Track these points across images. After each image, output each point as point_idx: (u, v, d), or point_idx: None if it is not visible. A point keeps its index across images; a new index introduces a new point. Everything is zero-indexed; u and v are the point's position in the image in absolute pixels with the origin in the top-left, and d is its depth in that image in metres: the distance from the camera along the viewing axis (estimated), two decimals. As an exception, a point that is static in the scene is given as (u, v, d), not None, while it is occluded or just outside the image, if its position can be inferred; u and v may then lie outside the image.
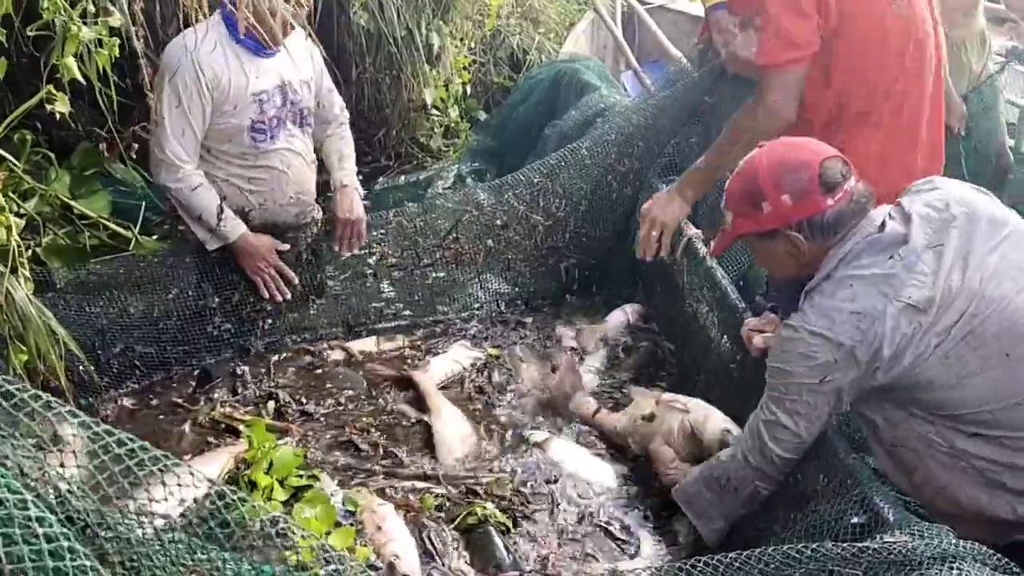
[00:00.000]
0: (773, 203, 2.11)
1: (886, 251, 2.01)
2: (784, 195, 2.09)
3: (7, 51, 2.97)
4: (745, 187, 2.18)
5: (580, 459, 2.89)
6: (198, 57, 3.02)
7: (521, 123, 5.13)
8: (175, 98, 3.05)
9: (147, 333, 3.30)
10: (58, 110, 2.70)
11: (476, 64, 6.07)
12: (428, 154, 5.58)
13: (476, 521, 2.55)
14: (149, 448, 1.13)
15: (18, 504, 0.91)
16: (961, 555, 1.61)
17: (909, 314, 1.94)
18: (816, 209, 2.08)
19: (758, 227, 2.18)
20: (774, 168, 2.12)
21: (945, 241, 1.99)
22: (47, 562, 0.92)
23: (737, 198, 2.22)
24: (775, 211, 2.11)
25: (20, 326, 2.50)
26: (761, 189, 2.12)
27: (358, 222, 3.47)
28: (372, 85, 5.06)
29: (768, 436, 2.18)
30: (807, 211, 2.09)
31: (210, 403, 3.14)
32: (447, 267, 3.78)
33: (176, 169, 3.13)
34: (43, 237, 3.34)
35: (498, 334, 3.68)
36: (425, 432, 3.02)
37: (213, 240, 3.26)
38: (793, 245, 2.13)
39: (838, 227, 2.09)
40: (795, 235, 2.11)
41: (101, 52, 2.74)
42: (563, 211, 3.82)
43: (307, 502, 2.47)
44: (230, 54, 3.10)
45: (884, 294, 1.96)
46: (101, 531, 1.05)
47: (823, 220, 2.08)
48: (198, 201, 3.17)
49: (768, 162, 2.15)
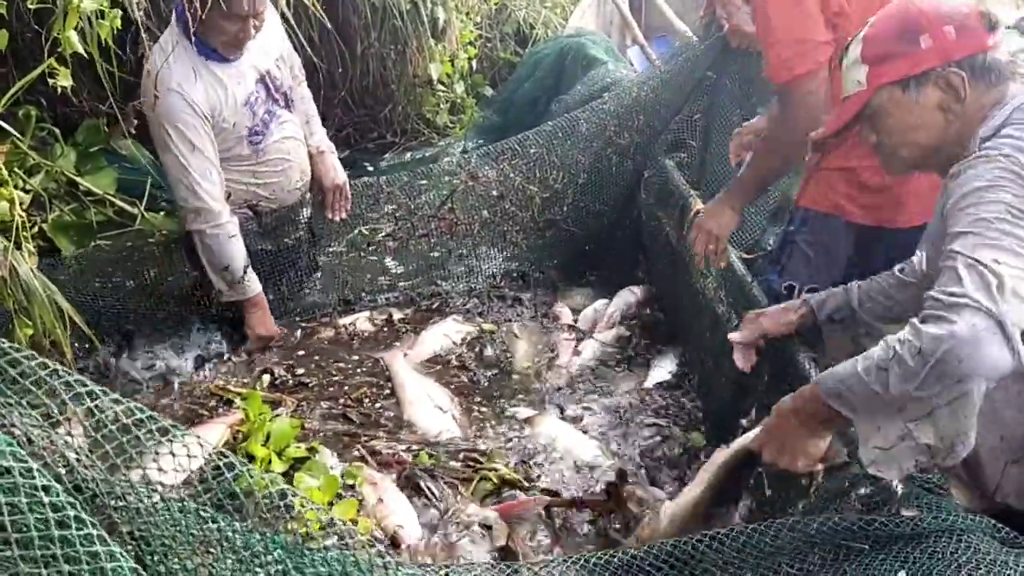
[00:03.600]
0: (935, 35, 1.81)
1: None
2: (947, 26, 1.80)
3: (9, 25, 2.95)
4: (895, 25, 1.87)
5: (571, 436, 2.85)
6: (186, 93, 2.95)
7: (527, 98, 5.10)
8: (187, 144, 3.00)
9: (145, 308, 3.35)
10: (60, 83, 2.69)
11: (482, 39, 6.04)
12: (434, 130, 5.56)
13: (494, 486, 2.56)
14: (157, 418, 1.12)
15: (24, 472, 0.91)
16: (970, 528, 1.60)
17: None
18: (980, 45, 1.80)
19: (911, 68, 1.83)
20: (931, 2, 1.84)
21: None
22: (53, 531, 0.92)
23: (882, 41, 1.88)
24: (936, 45, 1.81)
25: (25, 300, 2.51)
26: (918, 21, 1.83)
27: (343, 185, 3.50)
28: (377, 60, 5.04)
29: (990, 261, 1.52)
30: (971, 47, 1.80)
31: (203, 377, 3.16)
32: (441, 237, 3.76)
33: (215, 215, 3.11)
34: (49, 213, 3.34)
35: (495, 309, 3.67)
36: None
37: (231, 293, 3.24)
38: (952, 89, 1.80)
39: (997, 77, 1.81)
40: (956, 72, 1.79)
41: (103, 24, 2.72)
42: (560, 183, 3.78)
43: (307, 471, 2.48)
44: (205, 73, 3.02)
45: None
46: (110, 500, 1.05)
47: (985, 60, 1.80)
48: (230, 251, 3.16)
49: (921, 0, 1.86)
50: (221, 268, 3.18)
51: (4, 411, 1.01)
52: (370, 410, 2.99)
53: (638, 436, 2.89)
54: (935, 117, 1.84)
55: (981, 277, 1.50)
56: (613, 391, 3.15)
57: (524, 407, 3.02)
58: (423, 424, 2.89)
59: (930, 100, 1.83)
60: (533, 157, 3.73)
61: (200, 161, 3.03)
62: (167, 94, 2.94)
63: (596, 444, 2.81)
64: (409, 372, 3.16)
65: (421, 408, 2.96)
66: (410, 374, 3.14)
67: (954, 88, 1.80)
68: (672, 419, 2.99)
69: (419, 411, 2.95)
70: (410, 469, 2.60)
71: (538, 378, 3.21)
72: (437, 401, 2.98)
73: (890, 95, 1.87)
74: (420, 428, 2.88)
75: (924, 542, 1.60)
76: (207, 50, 3.01)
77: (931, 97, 1.83)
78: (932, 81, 1.82)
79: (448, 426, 2.88)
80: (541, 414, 2.95)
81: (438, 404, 2.97)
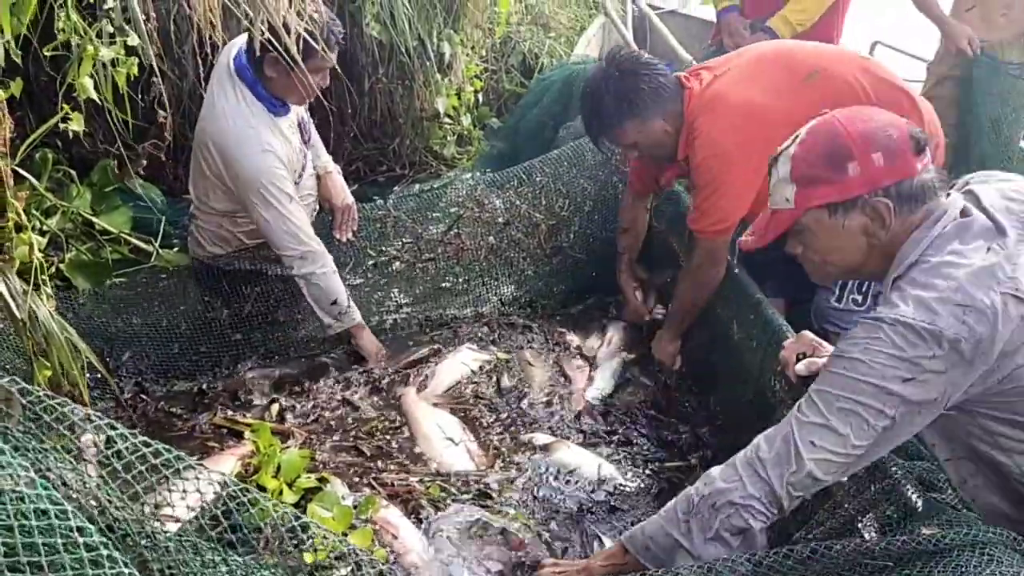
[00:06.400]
0: (863, 163, 1.81)
1: (979, 239, 1.74)
2: (876, 153, 1.80)
3: (26, 71, 3.01)
4: (823, 149, 1.86)
5: (590, 462, 2.85)
6: (275, 150, 3.08)
7: (534, 125, 5.12)
8: (285, 196, 3.12)
9: (156, 343, 3.36)
10: (73, 129, 2.74)
11: (487, 72, 6.09)
12: (442, 162, 5.60)
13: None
14: (184, 458, 1.14)
15: (59, 515, 0.93)
16: (992, 542, 1.61)
17: (1019, 308, 1.67)
18: (908, 171, 1.81)
19: (839, 195, 1.84)
20: (858, 124, 1.84)
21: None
22: (88, 571, 0.94)
23: (811, 163, 1.87)
24: (864, 173, 1.81)
25: (44, 342, 2.54)
26: (847, 147, 1.82)
27: (352, 206, 3.57)
28: (385, 95, 5.09)
29: (805, 444, 1.78)
30: (899, 173, 1.81)
31: (210, 410, 3.15)
32: (448, 263, 3.78)
33: (321, 256, 3.25)
34: (66, 253, 3.38)
35: (506, 337, 3.66)
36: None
37: (338, 325, 3.36)
38: (878, 216, 1.83)
39: (924, 199, 1.82)
40: (883, 202, 1.81)
41: (119, 71, 2.78)
42: (567, 211, 3.83)
43: (318, 502, 2.48)
44: (274, 127, 3.13)
45: (991, 287, 1.67)
46: (141, 539, 1.07)
47: (912, 187, 1.82)
48: (336, 284, 3.29)
49: (848, 119, 1.87)
50: (329, 303, 3.30)
51: (40, 456, 1.03)
52: (382, 443, 2.98)
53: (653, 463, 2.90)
54: (859, 241, 1.88)
55: (786, 457, 1.80)
56: (627, 418, 3.15)
57: (542, 435, 3.01)
58: (436, 457, 2.89)
59: (855, 225, 1.86)
60: (539, 185, 3.77)
61: (297, 209, 3.17)
62: (262, 155, 3.06)
63: (615, 468, 2.82)
64: (421, 406, 3.15)
65: (434, 442, 2.95)
66: (422, 408, 3.13)
67: (880, 215, 1.83)
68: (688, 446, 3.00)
69: (432, 445, 2.94)
70: (416, 500, 2.60)
71: (554, 406, 3.20)
72: (450, 433, 2.97)
73: (817, 218, 1.90)
74: (434, 461, 2.88)
75: (947, 556, 1.61)
76: (273, 104, 3.11)
77: (856, 222, 1.86)
78: (859, 207, 1.85)
79: (462, 459, 2.87)
80: (559, 441, 2.95)
81: (450, 436, 2.96)
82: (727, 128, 2.88)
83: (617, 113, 2.96)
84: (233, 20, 3.03)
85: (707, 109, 2.92)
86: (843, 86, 2.89)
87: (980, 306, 1.65)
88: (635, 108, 2.94)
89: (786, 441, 1.80)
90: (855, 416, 1.73)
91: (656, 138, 3.01)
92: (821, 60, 2.99)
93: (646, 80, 2.93)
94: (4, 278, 2.36)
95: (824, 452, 1.75)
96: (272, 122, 3.11)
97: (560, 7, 6.89)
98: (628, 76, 2.94)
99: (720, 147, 2.89)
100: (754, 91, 2.91)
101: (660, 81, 2.95)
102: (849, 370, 1.75)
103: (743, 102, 2.90)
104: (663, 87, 2.95)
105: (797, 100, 2.79)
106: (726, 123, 2.88)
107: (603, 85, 2.97)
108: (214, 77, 3.13)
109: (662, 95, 2.95)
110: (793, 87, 2.89)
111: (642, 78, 2.94)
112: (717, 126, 2.89)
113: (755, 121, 2.83)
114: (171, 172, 4.25)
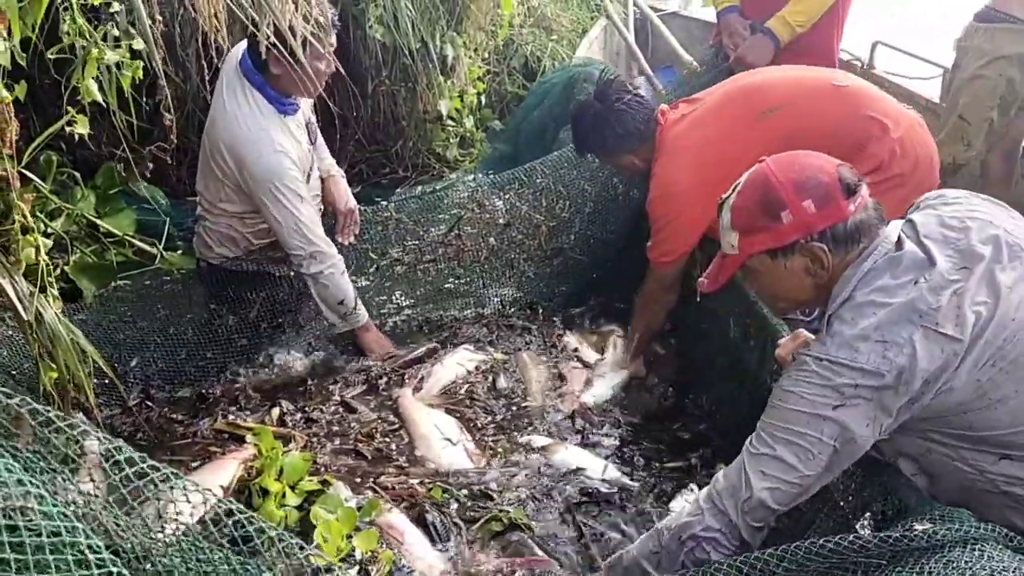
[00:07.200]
0: (795, 211, 1.91)
1: (909, 273, 1.83)
2: (806, 200, 1.90)
3: (30, 74, 3.03)
4: (758, 198, 1.97)
5: (590, 463, 2.87)
6: (287, 151, 3.12)
7: (535, 127, 5.13)
8: (296, 196, 3.17)
9: (164, 349, 3.39)
10: (78, 132, 2.76)
11: (490, 74, 6.11)
12: (444, 164, 5.61)
13: (502, 527, 2.54)
14: (199, 488, 1.15)
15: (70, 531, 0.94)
16: (984, 537, 1.63)
17: (940, 342, 1.76)
18: (840, 215, 1.91)
19: (776, 242, 1.95)
20: (790, 173, 1.94)
21: (970, 264, 1.82)
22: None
23: (748, 212, 1.99)
24: (797, 220, 1.92)
25: (50, 344, 2.55)
26: (779, 197, 1.93)
27: (355, 209, 3.61)
28: (388, 98, 5.11)
29: (755, 474, 1.89)
30: (831, 218, 1.91)
31: (211, 415, 3.16)
32: (449, 263, 3.81)
33: (330, 256, 3.29)
34: (71, 255, 3.40)
35: (504, 338, 3.67)
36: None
37: (344, 324, 3.42)
38: (815, 258, 1.93)
39: (860, 237, 1.91)
40: (819, 246, 1.91)
41: (124, 75, 2.80)
42: (567, 212, 3.86)
43: (321, 505, 2.47)
44: (284, 127, 3.18)
45: (911, 321, 1.77)
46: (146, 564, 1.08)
47: (845, 229, 1.91)
48: (345, 284, 3.34)
49: (780, 168, 1.96)
50: (337, 303, 3.35)
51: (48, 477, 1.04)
52: (382, 445, 2.99)
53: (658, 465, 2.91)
54: (803, 280, 1.98)
55: (738, 486, 1.90)
56: (626, 419, 3.17)
57: (539, 436, 3.02)
58: (435, 458, 2.90)
59: (797, 266, 1.97)
60: (540, 187, 3.79)
61: (308, 209, 3.22)
62: (274, 155, 3.11)
63: (615, 469, 2.84)
64: (418, 408, 3.15)
65: (432, 442, 2.96)
66: (419, 409, 3.14)
67: (818, 257, 1.93)
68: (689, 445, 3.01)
69: (431, 445, 2.95)
70: (420, 504, 2.61)
71: (551, 407, 3.21)
72: (448, 434, 2.98)
73: (761, 261, 2.01)
74: (432, 462, 2.89)
75: (939, 552, 1.63)
76: (283, 105, 3.16)
77: (798, 263, 1.97)
78: (798, 251, 1.95)
79: (460, 459, 2.89)
80: (557, 443, 2.96)
81: (448, 436, 2.97)
82: (677, 170, 3.14)
83: (592, 142, 3.37)
84: (237, 24, 3.06)
85: (665, 152, 3.20)
86: (801, 122, 2.96)
87: (899, 341, 1.77)
88: (606, 143, 3.31)
89: (738, 471, 1.93)
90: (798, 447, 1.85)
91: (625, 167, 3.44)
92: (790, 94, 3.08)
93: (621, 123, 3.23)
94: (11, 280, 2.37)
95: (773, 480, 1.87)
96: (282, 123, 3.16)
97: (562, 9, 6.90)
98: (606, 115, 3.25)
99: (667, 189, 3.16)
100: (711, 130, 3.12)
101: (633, 126, 3.24)
102: (784, 402, 1.89)
103: (697, 144, 3.13)
104: (635, 131, 3.24)
105: (750, 137, 2.95)
106: (677, 166, 3.14)
107: (585, 114, 3.33)
108: (223, 81, 3.16)
109: (632, 135, 3.25)
110: (749, 123, 3.03)
111: (618, 119, 3.23)
112: (669, 169, 3.17)
113: (707, 164, 3.03)
114: (175, 175, 4.28)
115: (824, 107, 3.01)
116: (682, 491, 2.72)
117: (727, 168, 2.38)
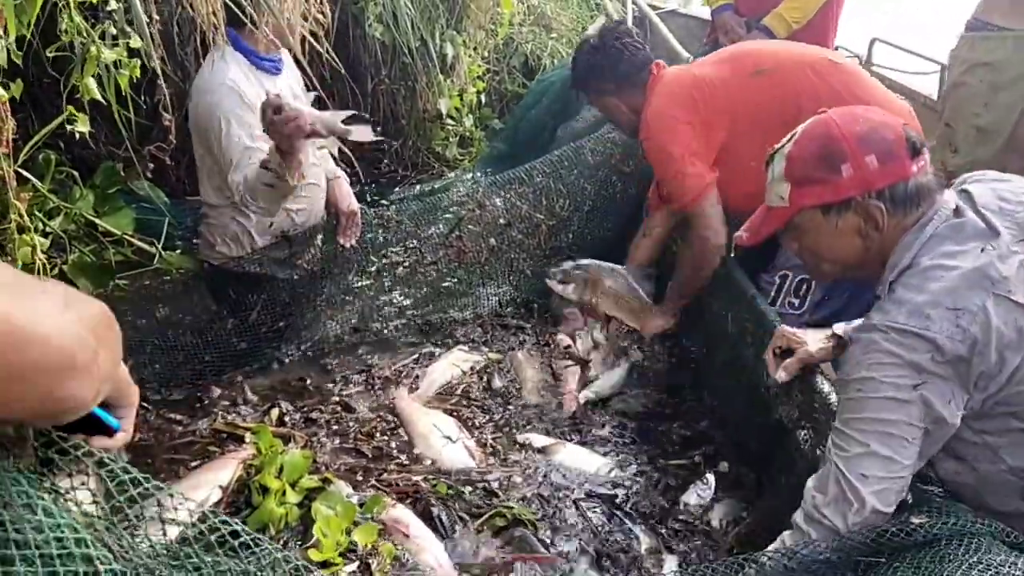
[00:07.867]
0: (856, 165, 1.82)
1: (974, 240, 1.73)
2: (869, 155, 1.81)
3: (28, 72, 3.03)
4: (817, 149, 1.87)
5: (590, 461, 2.86)
6: (238, 86, 3.00)
7: (534, 125, 5.15)
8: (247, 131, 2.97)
9: (161, 351, 3.34)
10: (78, 130, 2.76)
11: (490, 73, 6.12)
12: (444, 163, 5.62)
13: (506, 523, 2.54)
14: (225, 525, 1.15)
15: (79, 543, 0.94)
16: (979, 532, 1.62)
17: (1013, 311, 1.66)
18: (903, 174, 1.81)
19: (832, 196, 1.85)
20: (854, 126, 1.84)
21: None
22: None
23: (805, 162, 1.89)
24: (857, 175, 1.82)
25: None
26: (841, 148, 1.83)
27: (357, 212, 3.56)
28: (388, 96, 5.12)
29: (856, 479, 1.73)
30: (893, 175, 1.81)
31: (210, 416, 3.14)
32: (449, 265, 3.79)
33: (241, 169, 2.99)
34: (69, 255, 3.40)
35: (498, 338, 3.67)
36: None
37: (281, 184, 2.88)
38: (870, 218, 1.83)
39: (919, 201, 1.82)
40: (876, 204, 1.82)
41: (122, 73, 2.80)
42: (567, 210, 3.84)
43: (322, 501, 2.47)
44: (254, 77, 3.10)
45: (983, 288, 1.67)
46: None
47: (906, 190, 1.81)
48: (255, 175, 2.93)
49: (843, 120, 1.86)
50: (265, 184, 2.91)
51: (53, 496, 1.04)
52: (382, 443, 2.97)
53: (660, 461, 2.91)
54: (854, 241, 1.89)
55: (843, 497, 1.74)
56: (625, 417, 3.16)
57: (538, 435, 3.01)
58: (436, 456, 2.89)
59: (849, 226, 1.87)
60: (539, 185, 3.78)
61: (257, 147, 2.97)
62: (221, 88, 2.97)
63: (616, 467, 2.83)
64: (415, 408, 3.14)
65: (432, 441, 2.95)
66: (417, 410, 3.13)
67: (873, 217, 1.84)
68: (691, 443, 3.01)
69: (431, 444, 2.94)
70: (426, 499, 2.60)
71: (547, 406, 3.21)
72: (447, 432, 2.97)
73: (811, 217, 1.91)
74: (433, 460, 2.88)
75: (935, 546, 1.62)
76: (259, 59, 3.11)
77: (850, 223, 1.87)
78: (852, 209, 1.85)
79: (461, 456, 2.88)
80: (558, 442, 2.95)
81: (447, 435, 2.95)
82: (664, 99, 3.13)
83: (583, 78, 3.37)
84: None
85: (653, 94, 3.18)
86: (797, 86, 2.96)
87: (972, 308, 1.65)
88: (596, 80, 3.32)
89: (835, 481, 1.76)
90: (891, 437, 1.72)
91: (610, 111, 3.38)
92: (788, 58, 3.08)
93: (614, 63, 3.25)
94: (7, 278, 2.37)
95: (877, 481, 1.72)
96: (252, 72, 3.08)
97: (562, 8, 6.91)
98: (601, 52, 3.27)
99: (658, 118, 3.11)
100: (705, 79, 3.10)
101: (625, 69, 3.25)
102: (864, 391, 1.75)
103: (679, 75, 3.18)
104: (625, 73, 3.25)
105: (743, 89, 2.99)
106: (663, 96, 3.13)
107: (585, 49, 3.36)
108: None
109: (622, 77, 3.25)
110: (738, 76, 3.05)
111: (613, 58, 3.25)
112: (655, 103, 3.15)
113: (692, 87, 3.07)
114: (174, 174, 4.28)
115: (820, 75, 3.00)
116: (696, 483, 2.71)
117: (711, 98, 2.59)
